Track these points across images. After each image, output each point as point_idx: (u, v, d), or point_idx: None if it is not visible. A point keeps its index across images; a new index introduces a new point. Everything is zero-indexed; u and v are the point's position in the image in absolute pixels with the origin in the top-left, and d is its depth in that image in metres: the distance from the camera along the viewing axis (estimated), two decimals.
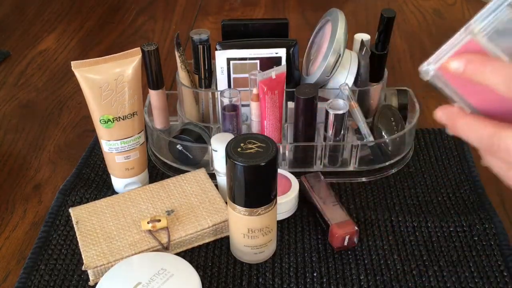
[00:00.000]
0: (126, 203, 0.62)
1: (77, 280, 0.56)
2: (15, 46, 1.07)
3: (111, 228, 0.59)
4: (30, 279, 0.56)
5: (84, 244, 0.57)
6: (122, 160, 0.64)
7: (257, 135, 0.52)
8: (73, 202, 0.66)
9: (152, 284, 0.50)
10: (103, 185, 0.69)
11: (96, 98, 0.59)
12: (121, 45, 1.07)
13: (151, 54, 0.67)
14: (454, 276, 0.56)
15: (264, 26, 0.71)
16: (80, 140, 0.80)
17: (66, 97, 0.90)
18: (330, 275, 0.56)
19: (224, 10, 1.21)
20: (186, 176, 0.66)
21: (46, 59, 1.02)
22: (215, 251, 0.60)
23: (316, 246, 0.60)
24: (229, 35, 0.71)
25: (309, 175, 0.66)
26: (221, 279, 0.56)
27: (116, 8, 1.23)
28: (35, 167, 0.75)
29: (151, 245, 0.57)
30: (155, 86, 0.70)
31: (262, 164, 0.49)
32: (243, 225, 0.54)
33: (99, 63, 0.59)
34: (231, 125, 0.66)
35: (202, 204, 0.62)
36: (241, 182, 0.51)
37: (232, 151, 0.50)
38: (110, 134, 0.62)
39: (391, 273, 0.56)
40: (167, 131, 0.75)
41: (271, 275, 0.57)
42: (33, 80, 0.96)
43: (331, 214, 0.60)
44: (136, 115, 0.62)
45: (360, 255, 0.58)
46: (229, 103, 0.65)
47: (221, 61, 0.68)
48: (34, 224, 0.65)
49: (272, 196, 0.53)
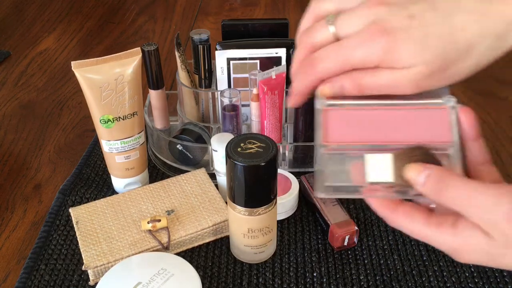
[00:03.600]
0: (126, 203, 0.62)
1: (77, 280, 0.56)
2: (15, 46, 1.07)
3: (111, 228, 0.59)
4: (30, 279, 0.56)
5: (84, 244, 0.57)
6: (122, 160, 0.64)
7: (257, 135, 0.52)
8: (73, 202, 0.66)
9: (152, 284, 0.50)
10: (103, 185, 0.69)
11: (96, 98, 0.59)
12: (121, 45, 1.07)
13: (151, 54, 0.67)
14: (454, 276, 0.56)
15: (264, 26, 0.71)
16: (80, 140, 0.80)
17: (66, 97, 0.90)
18: (330, 275, 0.56)
19: (224, 10, 1.21)
20: (186, 176, 0.66)
21: (46, 59, 1.02)
22: (215, 251, 0.60)
23: (316, 246, 0.60)
24: (229, 35, 0.71)
25: (309, 175, 0.66)
26: (221, 279, 0.56)
27: (116, 8, 1.23)
28: (35, 167, 0.75)
29: (151, 245, 0.57)
30: (155, 86, 0.70)
31: (262, 164, 0.49)
32: (243, 225, 0.54)
33: (99, 63, 0.59)
34: (231, 125, 0.66)
35: (202, 204, 0.62)
36: (241, 182, 0.51)
37: (232, 151, 0.50)
38: (110, 134, 0.62)
39: (391, 273, 0.56)
40: (167, 131, 0.75)
41: (271, 275, 0.57)
42: (33, 80, 0.96)
43: (331, 214, 0.60)
44: (136, 115, 0.62)
45: (360, 255, 0.58)
46: (229, 103, 0.65)
47: (221, 61, 0.68)
48: (34, 224, 0.65)
49: (272, 196, 0.53)
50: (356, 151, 0.40)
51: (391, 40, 0.37)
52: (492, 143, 0.77)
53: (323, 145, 0.41)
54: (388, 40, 0.37)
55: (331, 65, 0.40)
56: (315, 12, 0.42)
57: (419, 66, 0.37)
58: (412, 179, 0.37)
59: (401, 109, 0.41)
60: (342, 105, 0.42)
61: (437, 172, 0.36)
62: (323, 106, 0.42)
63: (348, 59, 0.39)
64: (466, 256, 0.37)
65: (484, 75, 0.96)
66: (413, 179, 0.37)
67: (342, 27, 0.39)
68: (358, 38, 0.38)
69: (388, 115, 0.41)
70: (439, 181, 0.36)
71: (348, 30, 0.39)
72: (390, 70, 0.38)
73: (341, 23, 0.39)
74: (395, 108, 0.41)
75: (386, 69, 0.38)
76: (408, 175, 0.38)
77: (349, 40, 0.39)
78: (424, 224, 0.38)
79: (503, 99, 0.88)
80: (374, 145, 0.40)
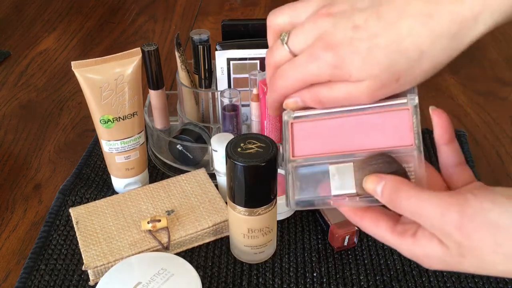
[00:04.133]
0: (126, 203, 0.62)
1: (77, 280, 0.56)
2: (15, 46, 1.07)
3: (111, 228, 0.59)
4: (30, 279, 0.56)
5: (84, 244, 0.57)
6: (122, 160, 0.64)
7: (257, 135, 0.52)
8: (73, 202, 0.66)
9: (152, 284, 0.50)
10: (103, 185, 0.69)
11: (96, 98, 0.59)
12: (121, 45, 1.07)
13: (151, 54, 0.67)
14: (454, 276, 0.56)
15: (264, 26, 0.71)
16: (80, 140, 0.80)
17: (66, 97, 0.90)
18: (330, 275, 0.56)
19: (224, 10, 1.21)
20: (186, 176, 0.66)
21: (46, 59, 1.02)
22: (215, 251, 0.60)
23: (316, 246, 0.60)
24: (229, 35, 0.71)
25: None
26: (221, 279, 0.56)
27: (116, 8, 1.23)
28: (35, 167, 0.75)
29: (151, 245, 0.57)
30: (155, 86, 0.70)
31: (262, 164, 0.49)
32: (243, 225, 0.54)
33: (99, 63, 0.59)
34: (231, 125, 0.66)
35: (202, 204, 0.62)
36: (241, 182, 0.51)
37: (232, 151, 0.50)
38: (110, 134, 0.62)
39: (391, 273, 0.56)
40: (167, 131, 0.75)
41: (271, 275, 0.57)
42: (33, 80, 0.96)
43: (331, 214, 0.60)
44: (136, 115, 0.62)
45: (360, 255, 0.58)
46: (229, 103, 0.65)
47: (221, 61, 0.68)
48: (34, 224, 0.65)
49: (272, 196, 0.53)
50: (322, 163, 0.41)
51: (337, 55, 0.37)
52: (492, 143, 0.77)
53: (291, 160, 0.43)
54: (333, 55, 0.37)
55: (288, 83, 0.41)
56: (273, 28, 0.44)
57: (370, 79, 0.37)
58: (370, 190, 0.38)
59: (364, 114, 0.41)
60: (308, 116, 0.43)
61: (391, 183, 0.37)
62: (289, 119, 0.43)
63: (302, 76, 0.40)
64: (428, 264, 0.37)
65: (484, 75, 0.97)
66: (371, 190, 0.38)
67: (294, 44, 0.40)
68: (306, 55, 0.39)
69: (352, 121, 0.41)
70: (392, 191, 0.37)
71: (300, 46, 0.40)
72: (343, 83, 0.38)
73: (293, 40, 0.40)
74: (358, 114, 0.41)
75: (340, 83, 0.38)
76: (367, 187, 0.38)
77: (299, 57, 0.39)
78: (388, 232, 0.39)
79: (503, 99, 0.88)
80: (338, 155, 0.41)
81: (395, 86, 0.37)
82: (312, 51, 0.38)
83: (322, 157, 0.42)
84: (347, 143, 0.41)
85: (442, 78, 0.93)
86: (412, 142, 0.39)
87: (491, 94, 0.89)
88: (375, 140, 0.41)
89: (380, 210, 0.40)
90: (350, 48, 0.36)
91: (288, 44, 0.40)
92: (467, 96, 0.88)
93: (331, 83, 0.39)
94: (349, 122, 0.41)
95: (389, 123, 0.40)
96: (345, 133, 0.41)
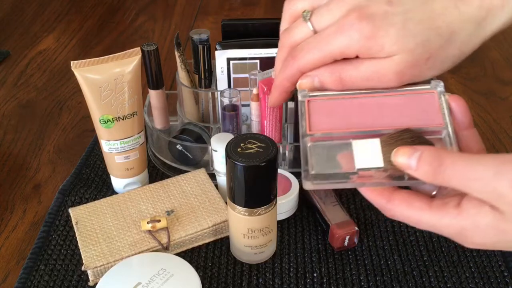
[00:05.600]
0: (126, 203, 0.62)
1: (77, 280, 0.56)
2: (15, 46, 1.07)
3: (111, 228, 0.59)
4: (29, 279, 0.56)
5: (83, 244, 0.57)
6: (122, 160, 0.64)
7: (257, 135, 0.52)
8: (72, 202, 0.66)
9: (152, 284, 0.50)
10: (103, 185, 0.69)
11: (96, 98, 0.59)
12: (121, 45, 1.07)
13: (151, 54, 0.67)
14: (455, 277, 0.55)
15: (264, 26, 0.71)
16: (80, 140, 0.80)
17: (66, 97, 0.90)
18: (330, 276, 0.56)
19: (224, 10, 1.21)
20: (186, 176, 0.66)
21: (46, 59, 1.02)
22: (215, 251, 0.59)
23: (316, 246, 0.60)
24: (229, 35, 0.71)
25: None
26: (221, 279, 0.56)
27: (116, 8, 1.23)
28: (34, 167, 0.74)
29: (151, 245, 0.57)
30: (155, 86, 0.70)
31: (262, 164, 0.49)
32: (243, 225, 0.54)
33: (99, 63, 0.59)
34: (231, 125, 0.66)
35: (202, 204, 0.62)
36: (241, 182, 0.51)
37: (232, 151, 0.50)
38: (110, 134, 0.62)
39: (391, 273, 0.56)
40: (167, 131, 0.75)
41: (271, 275, 0.56)
42: (33, 80, 0.95)
43: (331, 214, 0.59)
44: (136, 115, 0.62)
45: (360, 255, 0.58)
46: (229, 103, 0.65)
47: (221, 61, 0.68)
48: (34, 224, 0.65)
49: (272, 196, 0.53)
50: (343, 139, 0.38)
51: (372, 26, 0.35)
52: (492, 143, 0.77)
53: (308, 134, 0.39)
54: (368, 25, 0.35)
55: (310, 56, 0.38)
56: (290, 12, 0.42)
57: (402, 54, 0.36)
58: (402, 164, 0.34)
59: (386, 95, 0.39)
60: (325, 95, 0.40)
61: (430, 152, 0.33)
62: (305, 98, 0.40)
63: (327, 48, 0.37)
64: (473, 238, 0.33)
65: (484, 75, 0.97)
66: (404, 164, 0.34)
67: (320, 21, 0.38)
68: (337, 25, 0.37)
69: (373, 102, 0.39)
70: (433, 160, 0.33)
71: (326, 23, 0.38)
72: (371, 60, 0.37)
73: (318, 16, 0.38)
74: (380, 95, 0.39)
75: (367, 60, 0.37)
76: (398, 160, 0.35)
77: (327, 29, 0.38)
78: (425, 210, 0.35)
79: (503, 99, 0.88)
80: (360, 131, 0.38)
81: (424, 68, 0.36)
82: (343, 21, 0.36)
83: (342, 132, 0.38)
84: (368, 120, 0.38)
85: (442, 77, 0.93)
86: (442, 121, 0.37)
87: (492, 94, 0.89)
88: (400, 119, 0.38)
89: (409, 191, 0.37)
90: (385, 20, 0.35)
91: (312, 20, 0.38)
92: (467, 96, 0.88)
93: (357, 61, 0.37)
94: (370, 102, 0.39)
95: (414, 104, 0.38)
96: (366, 112, 0.39)
